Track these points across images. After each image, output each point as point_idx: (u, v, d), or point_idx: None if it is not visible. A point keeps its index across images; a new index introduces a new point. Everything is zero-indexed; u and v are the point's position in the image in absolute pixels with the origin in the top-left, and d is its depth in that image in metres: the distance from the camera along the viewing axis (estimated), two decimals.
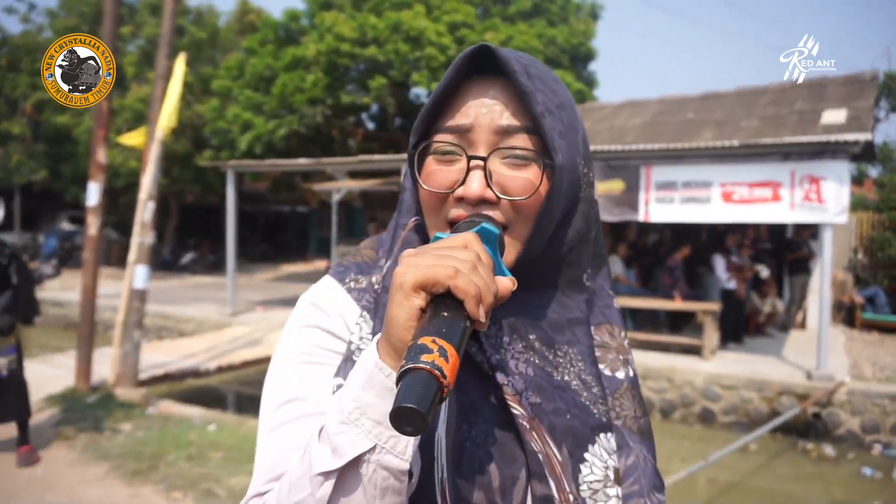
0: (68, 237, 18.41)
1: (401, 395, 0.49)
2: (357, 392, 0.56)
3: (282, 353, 0.72)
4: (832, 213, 6.82)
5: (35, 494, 3.88)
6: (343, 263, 0.78)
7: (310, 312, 0.73)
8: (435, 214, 0.70)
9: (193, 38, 15.52)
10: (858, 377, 6.87)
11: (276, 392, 0.69)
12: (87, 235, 5.92)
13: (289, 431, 0.65)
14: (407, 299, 0.55)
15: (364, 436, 0.55)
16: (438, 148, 0.69)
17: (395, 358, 0.56)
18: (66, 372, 6.26)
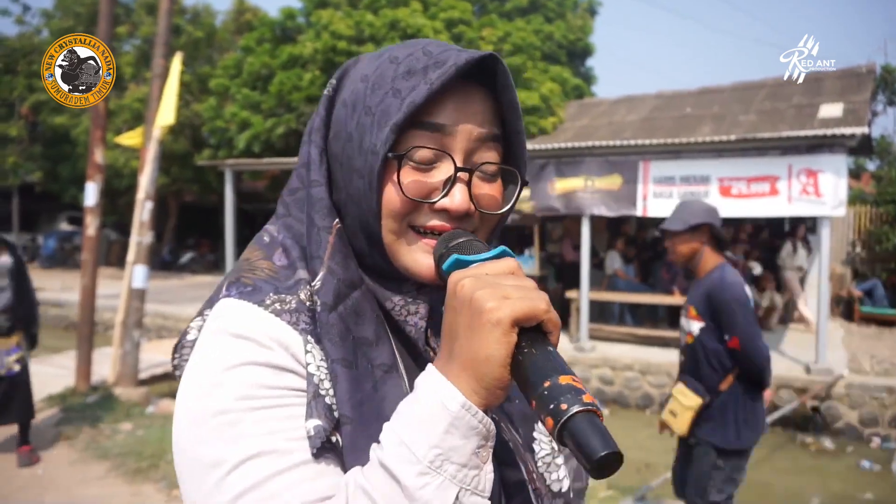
0: (67, 238, 18.41)
1: (598, 441, 0.46)
2: (439, 437, 0.51)
3: (212, 404, 0.57)
4: (830, 207, 6.83)
5: (36, 494, 3.90)
6: (245, 283, 0.64)
7: (239, 348, 0.59)
8: (398, 219, 0.64)
9: (190, 38, 15.51)
10: (857, 370, 6.89)
11: (224, 451, 0.55)
12: (86, 236, 5.92)
13: (270, 492, 0.54)
14: (506, 336, 0.52)
15: (449, 482, 0.51)
16: (423, 156, 0.64)
17: (483, 398, 0.53)
18: (66, 372, 6.27)
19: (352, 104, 0.66)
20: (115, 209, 16.37)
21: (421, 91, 0.61)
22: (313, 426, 0.57)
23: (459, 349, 0.53)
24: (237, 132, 13.14)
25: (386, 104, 0.63)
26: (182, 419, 0.59)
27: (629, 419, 7.17)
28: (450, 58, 0.63)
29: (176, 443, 0.60)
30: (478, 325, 0.52)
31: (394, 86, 0.63)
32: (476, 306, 0.52)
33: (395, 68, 0.64)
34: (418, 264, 0.65)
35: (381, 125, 0.62)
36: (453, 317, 0.55)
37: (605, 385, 7.54)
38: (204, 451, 0.56)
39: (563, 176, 8.32)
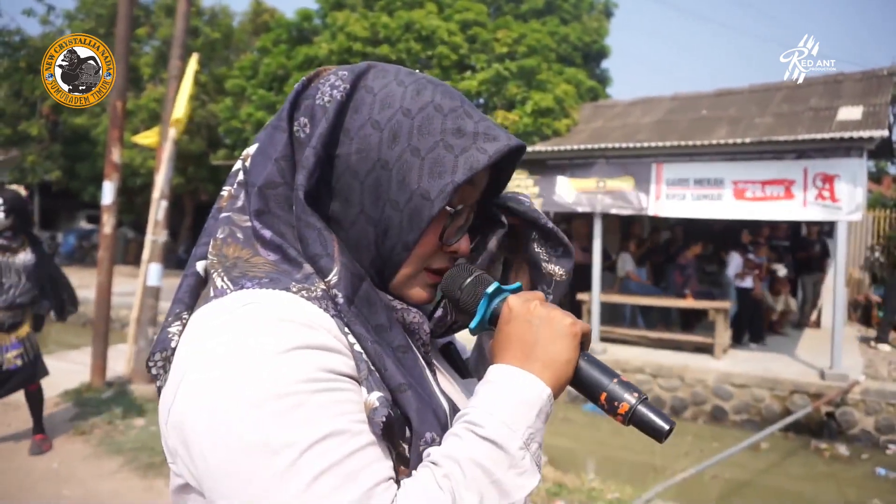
0: (86, 236, 18.68)
1: (662, 419, 0.65)
2: (532, 419, 0.62)
3: (272, 388, 0.55)
4: (846, 212, 6.74)
5: (51, 487, 3.96)
6: (256, 275, 0.63)
7: (290, 332, 0.58)
8: (422, 261, 0.73)
9: (208, 39, 15.66)
10: (873, 376, 6.79)
11: (289, 434, 0.54)
12: (102, 234, 6.01)
13: (350, 471, 0.54)
14: (576, 345, 0.68)
15: (531, 458, 0.62)
16: (462, 212, 0.74)
17: (556, 391, 0.66)
18: (81, 368, 6.37)
19: (391, 134, 0.68)
20: (132, 208, 16.58)
21: (481, 160, 0.68)
22: (376, 398, 0.60)
23: (542, 353, 0.66)
24: (253, 132, 13.25)
25: (438, 155, 0.68)
26: (228, 406, 0.55)
27: None
28: (500, 136, 0.70)
29: (212, 432, 0.56)
30: (560, 336, 0.67)
31: (444, 139, 0.69)
32: (557, 321, 0.67)
33: (443, 120, 0.69)
34: (419, 295, 0.75)
35: (433, 174, 0.68)
36: (528, 330, 0.67)
37: None
38: (268, 435, 0.54)
39: (574, 177, 8.30)
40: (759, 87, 9.94)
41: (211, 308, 0.62)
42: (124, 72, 6.03)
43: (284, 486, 0.53)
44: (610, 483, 4.38)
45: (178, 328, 0.66)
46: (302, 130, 0.70)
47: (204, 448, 0.56)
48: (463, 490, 0.57)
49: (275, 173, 0.70)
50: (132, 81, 14.35)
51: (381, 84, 0.70)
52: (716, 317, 7.70)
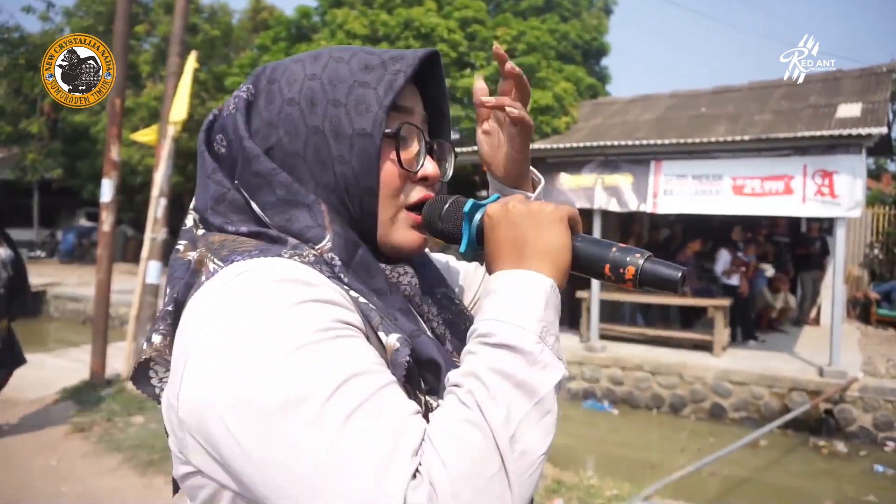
0: (86, 233, 18.66)
1: (671, 268, 0.64)
2: (542, 313, 0.61)
3: (287, 341, 0.54)
4: (845, 208, 6.74)
5: (51, 485, 3.97)
6: (245, 249, 0.63)
7: (293, 288, 0.57)
8: (395, 196, 0.72)
9: (207, 36, 15.64)
10: (872, 374, 6.80)
11: (313, 380, 0.52)
12: (101, 231, 6.02)
13: (382, 405, 0.54)
14: (567, 229, 0.66)
15: (550, 350, 0.60)
16: (405, 133, 0.72)
17: (560, 280, 0.65)
18: (81, 365, 6.38)
19: (307, 101, 0.69)
20: (131, 206, 16.57)
21: (398, 78, 0.69)
22: (396, 338, 0.62)
23: (533, 248, 0.64)
24: None
25: (358, 94, 0.69)
26: (246, 371, 0.53)
27: (639, 419, 7.14)
28: (405, 53, 0.72)
29: (236, 403, 0.53)
30: (546, 224, 0.65)
31: (356, 79, 0.70)
32: (538, 212, 0.66)
33: (348, 66, 0.71)
34: (408, 239, 0.74)
35: (360, 111, 0.68)
36: (513, 230, 0.66)
37: (614, 385, 7.52)
38: (291, 389, 0.52)
39: (573, 175, 8.30)
40: (758, 84, 9.93)
41: (203, 289, 0.60)
42: (123, 69, 6.03)
43: (318, 433, 0.51)
44: (608, 480, 4.39)
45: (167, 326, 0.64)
46: (220, 146, 0.72)
47: (223, 426, 0.53)
48: (489, 401, 0.55)
49: (215, 187, 0.70)
50: (131, 79, 14.33)
51: (282, 70, 0.73)
52: (715, 314, 7.71)
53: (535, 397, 0.57)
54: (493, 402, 0.55)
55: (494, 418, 0.54)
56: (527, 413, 0.56)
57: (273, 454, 0.52)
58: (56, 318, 12.60)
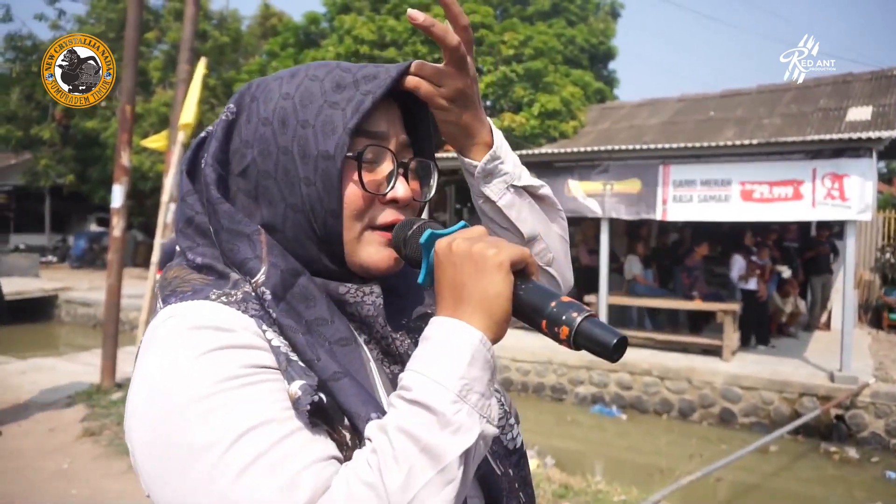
0: (97, 238, 18.82)
1: (608, 333, 0.58)
2: (465, 369, 0.57)
3: (191, 392, 0.56)
4: (856, 211, 6.70)
5: (61, 487, 4.01)
6: (182, 290, 0.66)
7: (203, 336, 0.59)
8: (359, 218, 0.70)
9: (216, 43, 15.77)
10: (884, 379, 6.73)
11: (213, 432, 0.55)
12: (112, 236, 6.07)
13: (278, 457, 0.55)
14: (508, 276, 0.61)
15: (473, 410, 0.57)
16: (372, 156, 0.70)
17: (494, 332, 0.61)
18: (92, 369, 6.43)
19: (280, 121, 0.69)
20: (141, 211, 16.70)
21: (366, 101, 0.68)
22: (298, 386, 0.59)
23: (468, 295, 0.61)
24: None
25: (326, 115, 0.68)
26: (154, 418, 0.57)
27: (647, 424, 7.10)
28: (379, 72, 0.71)
29: (150, 444, 0.57)
30: (483, 270, 0.61)
31: (327, 99, 0.69)
32: (478, 255, 0.61)
33: (321, 84, 0.70)
34: (376, 259, 0.71)
35: (326, 133, 0.68)
36: (453, 271, 0.62)
37: (623, 390, 7.48)
38: (192, 439, 0.55)
39: (581, 180, 8.29)
40: (767, 87, 9.90)
41: (147, 333, 0.65)
42: (134, 76, 6.09)
43: (213, 485, 0.53)
44: (616, 485, 4.37)
45: None
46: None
47: (141, 460, 0.58)
48: (391, 463, 0.54)
49: (186, 209, 0.72)
50: (141, 85, 14.45)
51: (262, 88, 0.73)
52: (724, 319, 7.66)
53: (439, 464, 0.54)
54: (395, 464, 0.54)
55: (392, 482, 0.53)
56: (429, 480, 0.54)
57: (174, 497, 0.55)
58: (67, 323, 12.72)
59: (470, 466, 0.57)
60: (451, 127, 0.79)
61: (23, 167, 18.55)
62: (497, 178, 0.83)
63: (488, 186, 0.83)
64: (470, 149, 0.82)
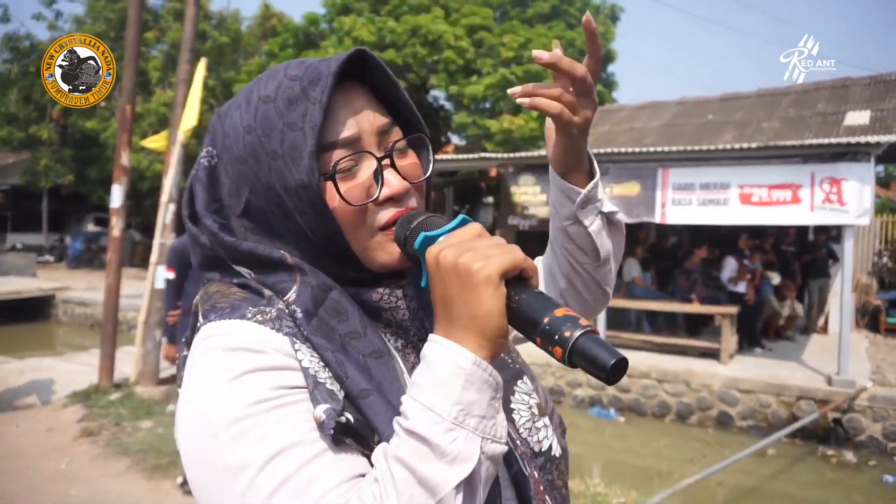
0: (94, 238, 18.80)
1: (605, 353, 0.53)
2: (458, 394, 0.56)
3: (225, 415, 0.59)
4: (854, 216, 6.71)
5: (60, 487, 4.00)
6: (221, 306, 0.67)
7: (237, 359, 0.61)
8: (360, 227, 0.69)
9: (216, 43, 15.77)
10: (881, 383, 6.75)
11: (245, 455, 0.57)
12: (111, 236, 6.06)
13: (305, 481, 0.56)
14: (497, 289, 0.57)
15: (472, 434, 0.56)
16: (346, 166, 0.69)
17: (489, 350, 0.58)
18: (90, 369, 6.42)
19: (253, 157, 0.69)
20: (139, 211, 16.69)
21: (315, 113, 0.66)
22: (322, 410, 0.60)
23: (458, 313, 0.59)
24: None
25: (289, 140, 0.67)
26: (195, 438, 0.61)
27: (645, 427, 7.11)
28: (321, 70, 0.68)
29: (193, 461, 0.61)
30: (470, 286, 0.58)
31: (284, 121, 0.67)
32: (464, 270, 0.58)
33: (275, 105, 0.68)
34: (391, 259, 0.70)
35: (295, 161, 0.66)
36: (442, 287, 0.60)
37: (621, 392, 7.49)
38: (227, 461, 0.57)
39: None
40: (766, 91, 9.93)
41: (192, 347, 0.68)
42: (134, 76, 6.09)
43: (249, 492, 0.56)
44: (615, 488, 4.37)
45: None
46: None
47: (188, 473, 0.62)
48: (391, 493, 0.54)
49: (205, 252, 0.73)
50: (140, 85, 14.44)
51: (229, 122, 0.72)
52: (722, 322, 7.68)
53: (436, 496, 0.53)
54: (396, 496, 0.54)
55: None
56: None
57: None
58: (65, 323, 12.69)
59: (477, 489, 0.56)
60: (569, 154, 0.81)
61: (21, 166, 18.53)
62: (592, 204, 0.85)
63: (584, 211, 0.85)
64: (575, 175, 0.83)
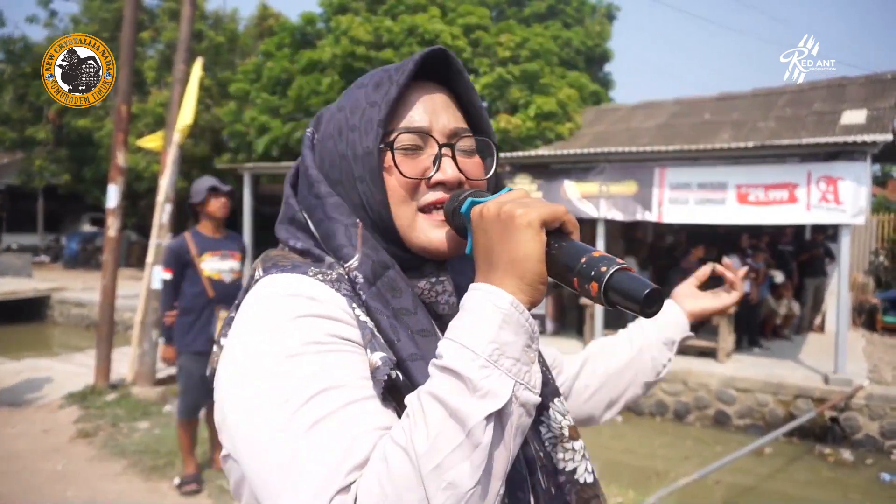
0: (90, 239, 18.73)
1: (639, 284, 0.55)
2: (495, 333, 0.57)
3: (278, 348, 0.62)
4: (850, 215, 6.73)
5: (57, 489, 3.98)
6: (283, 264, 0.72)
7: (298, 303, 0.65)
8: (406, 202, 0.74)
9: (212, 43, 15.72)
10: (878, 381, 6.77)
11: (294, 387, 0.60)
12: (107, 237, 6.04)
13: (344, 419, 0.58)
14: (538, 235, 0.60)
15: (506, 375, 0.56)
16: (405, 143, 0.74)
17: (528, 294, 0.60)
18: (86, 370, 6.39)
19: (337, 131, 0.77)
20: (135, 211, 16.63)
21: (392, 91, 0.72)
22: (379, 357, 0.63)
23: (498, 258, 0.61)
24: (256, 136, 13.30)
25: (367, 116, 0.74)
26: (246, 369, 0.63)
27: (643, 426, 7.12)
28: (408, 61, 0.74)
29: (237, 393, 0.63)
30: (512, 230, 0.60)
31: (368, 100, 0.75)
32: (506, 216, 0.61)
33: (365, 90, 0.76)
34: (432, 240, 0.74)
35: (367, 131, 0.73)
36: (485, 237, 0.63)
37: None
38: (275, 389, 0.60)
39: (577, 181, 8.31)
40: (762, 90, 9.95)
41: (248, 296, 0.71)
42: (129, 76, 6.06)
43: (287, 432, 0.58)
44: (613, 487, 4.37)
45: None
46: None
47: (227, 405, 0.64)
48: (421, 427, 0.55)
49: (288, 208, 0.81)
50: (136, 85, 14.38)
51: (329, 108, 0.82)
52: (719, 321, 7.69)
53: (465, 427, 0.54)
54: (425, 428, 0.54)
55: (421, 445, 0.54)
56: (459, 444, 0.54)
57: (254, 448, 0.60)
58: (60, 324, 12.63)
59: (507, 431, 0.56)
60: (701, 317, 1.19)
61: (16, 166, 18.45)
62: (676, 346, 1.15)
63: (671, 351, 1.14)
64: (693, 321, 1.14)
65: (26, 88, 16.57)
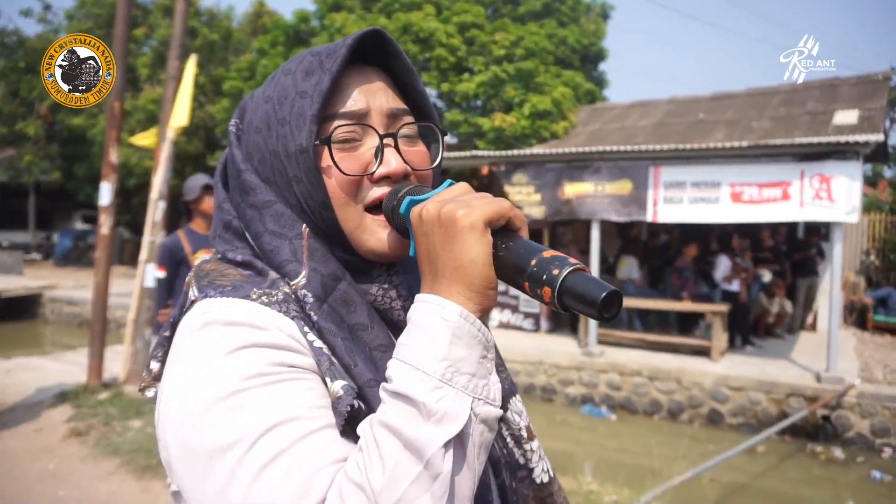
0: (82, 236, 18.62)
1: (595, 287, 0.50)
2: (445, 349, 0.53)
3: (218, 389, 0.56)
4: (843, 212, 6.77)
5: (48, 488, 3.95)
6: (221, 284, 0.65)
7: (238, 333, 0.59)
8: (350, 203, 0.67)
9: (206, 40, 15.64)
10: (869, 380, 6.82)
11: (239, 428, 0.54)
12: (100, 234, 6.00)
13: (298, 456, 0.53)
14: (483, 237, 0.55)
15: (462, 393, 0.52)
16: (341, 136, 0.67)
17: (477, 302, 0.55)
18: (78, 369, 6.35)
19: (265, 125, 0.69)
20: (128, 208, 16.55)
21: (325, 80, 0.65)
22: (341, 386, 0.58)
23: (442, 265, 0.56)
24: None
25: (297, 107, 0.66)
26: (182, 415, 0.57)
27: (637, 425, 7.14)
28: (338, 44, 0.68)
29: (175, 437, 0.57)
30: (455, 234, 0.55)
31: (297, 90, 0.67)
32: (447, 219, 0.55)
33: (293, 78, 0.68)
34: (381, 241, 0.68)
35: (299, 126, 0.66)
36: (426, 242, 0.57)
37: (613, 390, 7.52)
38: (217, 437, 0.54)
39: (572, 180, 8.32)
40: (756, 90, 9.99)
41: (182, 324, 0.64)
42: (122, 73, 6.02)
43: (235, 482, 0.53)
44: (607, 486, 4.39)
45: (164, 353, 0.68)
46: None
47: (172, 452, 0.58)
48: (377, 461, 0.51)
49: (224, 215, 0.73)
50: (129, 82, 14.32)
51: (254, 97, 0.74)
52: (713, 320, 7.72)
53: (422, 458, 0.50)
54: (380, 462, 0.51)
55: (377, 481, 0.50)
56: (416, 476, 0.50)
57: (200, 495, 0.55)
58: (52, 322, 12.56)
59: (469, 453, 0.52)
60: None
61: (5, 163, 18.31)
62: None
63: None
64: None
65: (18, 83, 16.43)
